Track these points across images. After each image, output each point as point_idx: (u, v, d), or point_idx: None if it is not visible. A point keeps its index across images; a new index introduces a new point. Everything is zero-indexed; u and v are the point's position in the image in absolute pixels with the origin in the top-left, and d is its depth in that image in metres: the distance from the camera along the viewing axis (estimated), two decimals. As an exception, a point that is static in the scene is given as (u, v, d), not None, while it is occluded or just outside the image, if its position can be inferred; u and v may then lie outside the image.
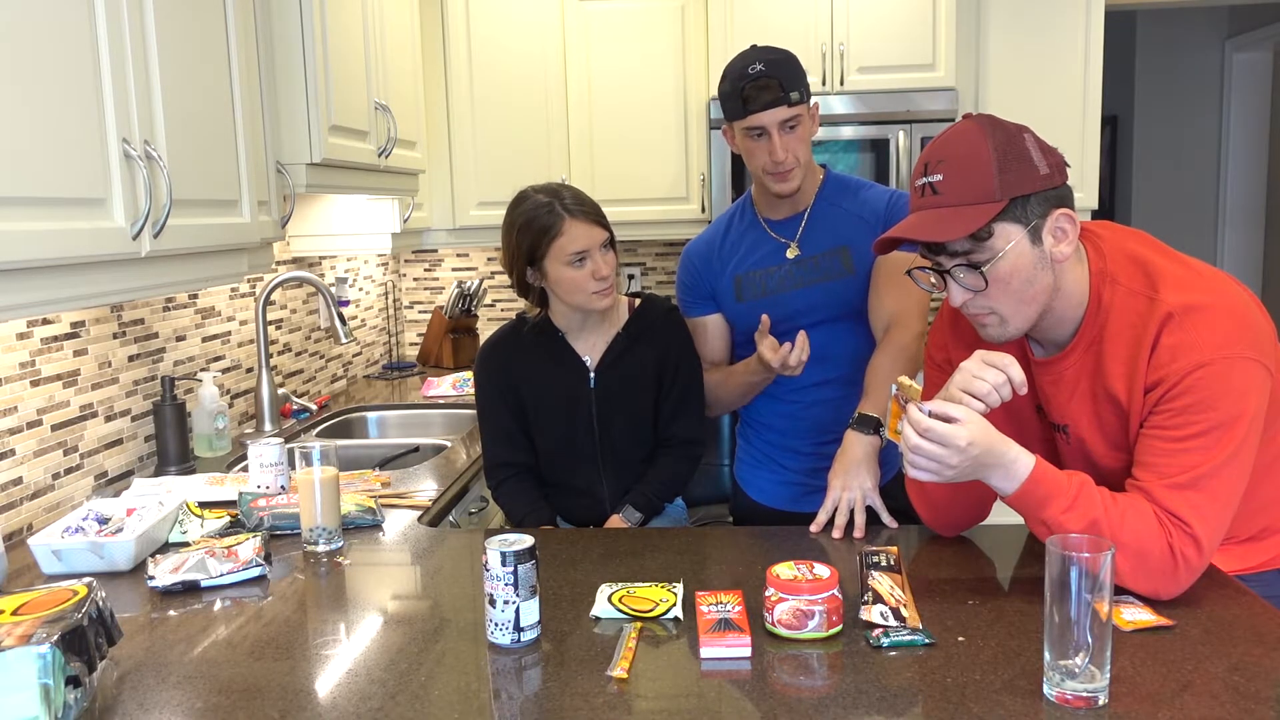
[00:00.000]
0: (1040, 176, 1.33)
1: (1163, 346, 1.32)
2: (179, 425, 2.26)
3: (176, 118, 1.68)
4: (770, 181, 1.93)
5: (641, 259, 4.07)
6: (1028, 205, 1.33)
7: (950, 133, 1.38)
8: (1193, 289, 1.34)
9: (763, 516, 2.08)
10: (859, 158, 3.48)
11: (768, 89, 1.84)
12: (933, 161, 1.36)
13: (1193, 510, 1.30)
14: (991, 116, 1.38)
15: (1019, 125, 1.37)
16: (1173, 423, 1.31)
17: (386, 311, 3.87)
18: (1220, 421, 1.29)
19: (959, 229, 1.33)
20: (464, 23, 3.46)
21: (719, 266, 2.05)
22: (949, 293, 1.40)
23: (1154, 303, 1.34)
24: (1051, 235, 1.35)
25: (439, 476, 2.21)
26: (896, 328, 1.90)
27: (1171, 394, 1.31)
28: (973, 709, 1.09)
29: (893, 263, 1.89)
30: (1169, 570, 1.30)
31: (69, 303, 1.45)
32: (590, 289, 1.87)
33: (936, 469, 1.32)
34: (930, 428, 1.30)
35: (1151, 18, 5.54)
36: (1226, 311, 1.32)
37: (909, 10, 3.40)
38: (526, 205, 1.88)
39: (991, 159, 1.32)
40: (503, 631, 1.27)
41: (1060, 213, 1.35)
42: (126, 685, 1.22)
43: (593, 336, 1.99)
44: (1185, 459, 1.30)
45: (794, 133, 1.89)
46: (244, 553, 1.57)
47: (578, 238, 1.84)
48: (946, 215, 1.34)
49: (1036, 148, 1.35)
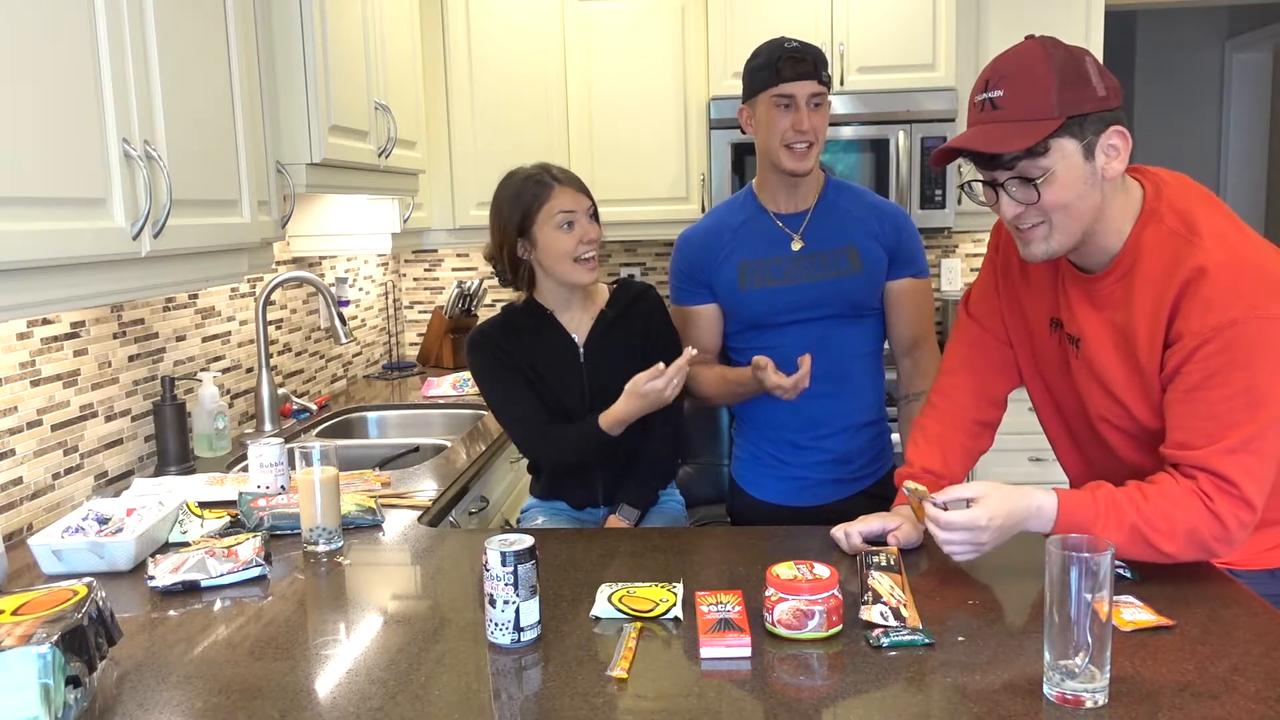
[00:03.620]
0: (1098, 98, 1.35)
1: (1195, 299, 1.33)
2: (179, 425, 2.26)
3: (176, 118, 1.68)
4: (786, 157, 1.95)
5: (641, 259, 4.07)
6: (1085, 124, 1.35)
7: (1012, 51, 1.40)
8: (1233, 246, 1.35)
9: (764, 515, 2.08)
10: (859, 158, 3.48)
11: (803, 61, 1.93)
12: (994, 78, 1.39)
13: (1244, 472, 1.32)
14: (1053, 38, 1.40)
15: (1081, 48, 1.39)
16: (1208, 382, 1.32)
17: (386, 311, 3.87)
18: (1254, 381, 1.30)
19: (1017, 143, 1.35)
20: (464, 23, 3.46)
21: (721, 253, 2.06)
22: (1000, 206, 1.43)
23: (1191, 248, 1.35)
24: (1104, 153, 1.37)
25: (439, 476, 2.21)
26: (921, 361, 2.10)
27: (1204, 351, 1.32)
28: (973, 709, 1.09)
29: (914, 289, 2.06)
30: (1222, 535, 1.34)
31: (69, 303, 1.45)
32: (577, 254, 1.94)
33: (974, 549, 1.39)
34: (950, 520, 1.37)
35: (1151, 18, 5.54)
36: (1262, 272, 1.33)
37: (909, 10, 3.41)
38: (516, 179, 2.00)
39: (1052, 77, 1.35)
40: (503, 631, 1.27)
41: (1114, 129, 1.37)
42: (126, 685, 1.22)
43: (579, 314, 2.05)
44: (1230, 419, 1.32)
45: (818, 111, 1.95)
46: (244, 553, 1.57)
47: (566, 201, 1.94)
48: (1006, 129, 1.37)
49: (1095, 70, 1.37)
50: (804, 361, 1.81)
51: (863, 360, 2.07)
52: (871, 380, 2.10)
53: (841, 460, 2.06)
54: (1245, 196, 5.48)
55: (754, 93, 1.97)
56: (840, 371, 2.03)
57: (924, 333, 2.09)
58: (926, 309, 2.10)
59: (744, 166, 3.50)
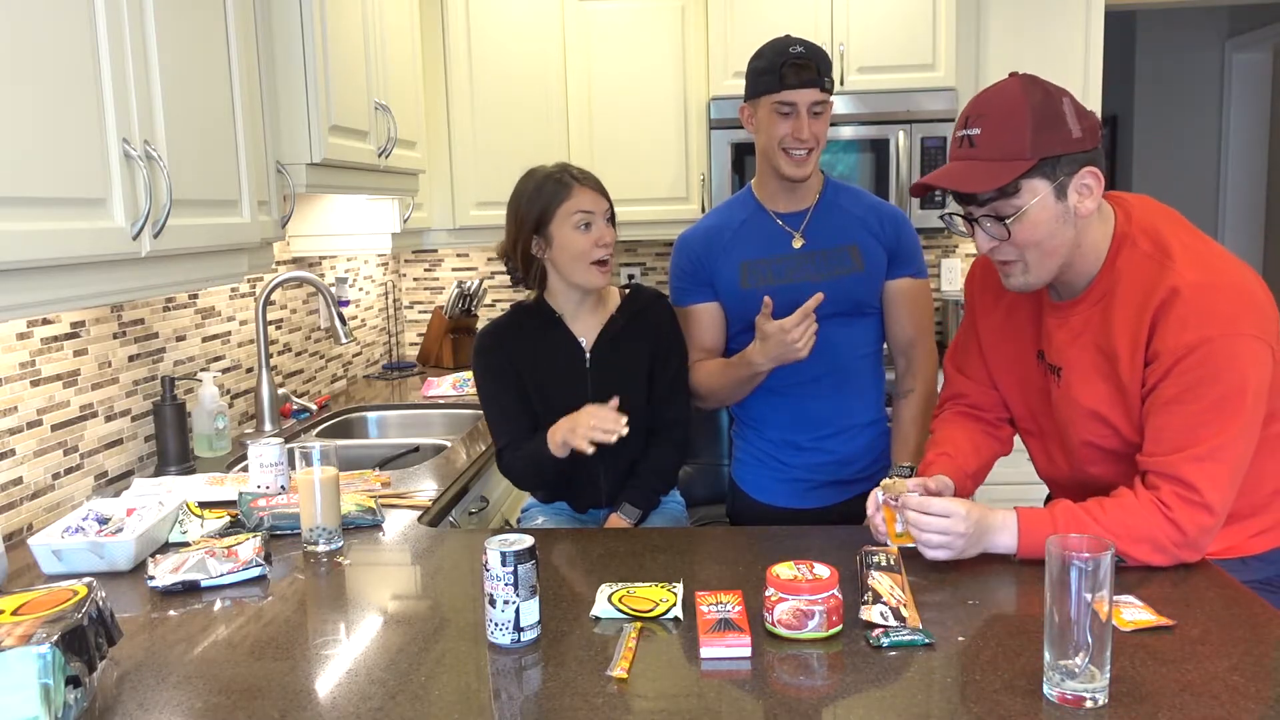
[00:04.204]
0: (1072, 140, 1.40)
1: (1170, 318, 1.38)
2: (179, 425, 2.26)
3: (176, 118, 1.68)
4: (785, 163, 1.96)
5: (641, 259, 4.07)
6: (1057, 165, 1.40)
7: (993, 89, 1.45)
8: (1205, 267, 1.40)
9: (764, 516, 2.08)
10: (859, 158, 3.48)
11: (806, 68, 1.92)
12: (973, 115, 1.44)
13: (1208, 479, 1.37)
14: (1034, 77, 1.44)
15: (1059, 88, 1.43)
16: (1183, 396, 1.38)
17: (386, 311, 3.87)
18: (1225, 394, 1.36)
19: (989, 183, 1.40)
20: (464, 23, 3.45)
21: (722, 252, 2.05)
22: (976, 240, 1.48)
23: (1165, 271, 1.40)
24: (1076, 192, 1.42)
25: (439, 476, 2.21)
26: (915, 359, 2.10)
27: (1180, 366, 1.37)
28: (973, 709, 1.09)
29: (913, 288, 2.06)
30: (1182, 541, 1.39)
31: (69, 303, 1.45)
32: (592, 256, 1.93)
33: (949, 540, 1.43)
34: (928, 503, 1.43)
35: (1151, 18, 5.54)
36: (1234, 290, 1.38)
37: (909, 10, 3.40)
38: (537, 176, 1.99)
39: (1027, 119, 1.39)
40: (503, 631, 1.27)
41: (1087, 170, 1.41)
42: (126, 685, 1.22)
43: (588, 319, 2.03)
44: (1200, 432, 1.37)
45: (818, 118, 1.95)
46: (244, 553, 1.57)
47: (585, 201, 1.94)
48: (979, 168, 1.42)
49: (1073, 111, 1.41)
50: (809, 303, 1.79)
51: (864, 360, 2.07)
52: (872, 380, 2.10)
53: (843, 462, 2.06)
54: (1245, 196, 5.47)
55: (756, 94, 1.97)
56: (842, 371, 2.03)
57: (921, 333, 2.09)
58: (925, 309, 2.10)
59: (744, 166, 3.50)
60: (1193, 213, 5.57)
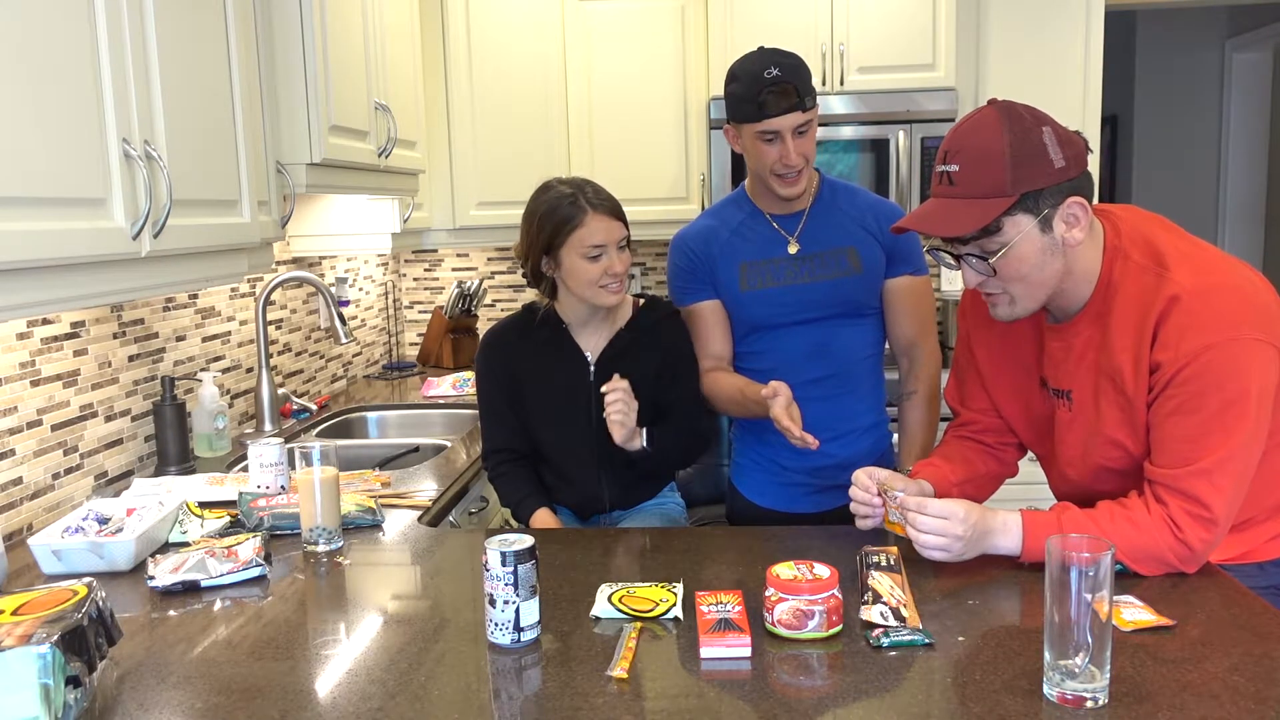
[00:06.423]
0: (1054, 171, 1.35)
1: (1170, 326, 1.35)
2: (179, 425, 2.26)
3: (176, 118, 1.68)
4: (777, 185, 1.94)
5: (641, 259, 4.07)
6: (1040, 198, 1.36)
7: (969, 123, 1.40)
8: (1202, 271, 1.37)
9: (762, 520, 2.07)
10: (859, 158, 3.48)
11: (785, 95, 1.86)
12: (951, 150, 1.40)
13: (1215, 493, 1.35)
14: (1012, 107, 1.39)
15: (1039, 117, 1.38)
16: (1186, 406, 1.35)
17: (386, 311, 3.87)
18: (1228, 402, 1.33)
19: (968, 224, 1.36)
20: (464, 23, 3.45)
21: (720, 253, 2.04)
22: (963, 275, 1.45)
23: (1162, 280, 1.37)
24: (1063, 222, 1.38)
25: (439, 476, 2.21)
26: (918, 360, 2.08)
27: (1182, 375, 1.34)
28: (973, 709, 1.09)
29: (912, 287, 2.04)
30: (1189, 557, 1.38)
31: (69, 303, 1.45)
32: (601, 284, 1.90)
33: (947, 543, 1.41)
34: (926, 503, 1.41)
35: (1151, 18, 5.54)
36: (1234, 293, 1.35)
37: (909, 10, 3.40)
38: (550, 194, 1.93)
39: (1005, 154, 1.34)
40: (503, 631, 1.27)
41: (1073, 200, 1.37)
42: (126, 685, 1.22)
43: (597, 331, 2.01)
44: (1206, 442, 1.34)
45: (804, 137, 1.91)
46: (244, 553, 1.57)
47: (597, 231, 1.88)
48: (958, 207, 1.37)
49: (1054, 141, 1.36)
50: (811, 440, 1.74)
51: (864, 363, 2.06)
52: (873, 382, 2.09)
53: (843, 466, 2.04)
54: (1245, 196, 5.47)
55: (737, 120, 1.93)
56: (842, 374, 2.02)
57: (923, 331, 2.07)
58: (926, 307, 2.08)
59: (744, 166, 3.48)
60: (1193, 213, 5.61)
